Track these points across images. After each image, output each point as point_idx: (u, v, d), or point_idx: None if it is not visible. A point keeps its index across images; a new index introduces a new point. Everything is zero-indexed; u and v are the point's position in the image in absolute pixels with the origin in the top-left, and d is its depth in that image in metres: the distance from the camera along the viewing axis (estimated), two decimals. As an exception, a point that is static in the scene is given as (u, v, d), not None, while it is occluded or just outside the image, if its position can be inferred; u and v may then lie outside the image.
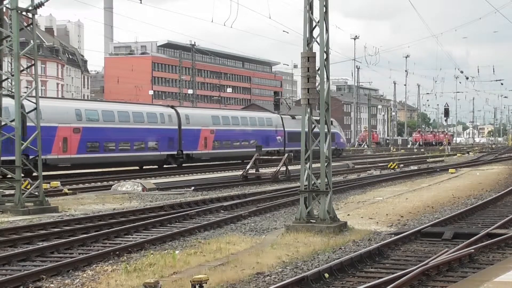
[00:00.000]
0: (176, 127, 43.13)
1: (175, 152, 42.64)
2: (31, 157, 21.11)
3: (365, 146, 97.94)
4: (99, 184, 30.89)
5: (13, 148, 20.02)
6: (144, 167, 42.65)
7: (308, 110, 15.40)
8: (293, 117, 56.79)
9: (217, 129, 47.20)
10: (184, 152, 43.46)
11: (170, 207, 20.12)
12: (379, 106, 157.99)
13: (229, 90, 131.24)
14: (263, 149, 47.09)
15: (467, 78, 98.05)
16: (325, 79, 15.35)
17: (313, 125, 15.71)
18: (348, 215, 17.96)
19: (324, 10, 15.30)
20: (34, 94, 20.57)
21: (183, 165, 45.33)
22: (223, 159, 48.20)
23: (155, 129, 41.34)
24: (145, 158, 41.16)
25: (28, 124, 21.10)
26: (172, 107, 45.57)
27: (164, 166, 44.12)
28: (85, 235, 14.64)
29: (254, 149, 46.86)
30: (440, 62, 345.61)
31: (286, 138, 54.29)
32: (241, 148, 49.44)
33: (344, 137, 68.52)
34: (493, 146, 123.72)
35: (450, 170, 37.83)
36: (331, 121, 67.77)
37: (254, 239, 14.19)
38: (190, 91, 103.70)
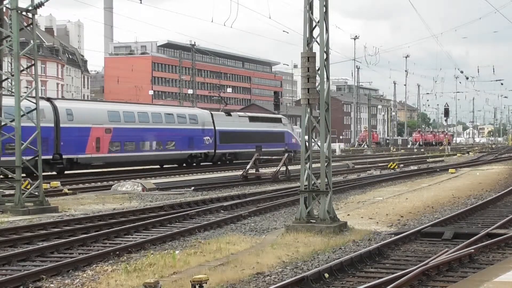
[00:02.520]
0: (52, 124, 34.03)
1: (50, 157, 33.26)
2: (30, 157, 21.04)
3: (365, 146, 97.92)
4: (99, 184, 30.89)
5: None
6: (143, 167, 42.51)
7: (308, 110, 15.39)
8: (228, 114, 50.25)
9: (116, 128, 38.02)
10: (64, 156, 34.73)
11: (170, 207, 20.12)
12: (379, 106, 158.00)
13: (229, 90, 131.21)
14: (183, 151, 43.22)
15: (467, 78, 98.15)
16: (325, 79, 15.35)
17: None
18: (348, 215, 17.96)
19: (324, 10, 15.31)
20: (34, 94, 20.58)
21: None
22: (126, 165, 39.49)
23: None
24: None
25: (28, 124, 21.00)
26: (49, 99, 36.29)
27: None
28: (85, 235, 14.64)
29: (172, 152, 42.36)
30: (440, 62, 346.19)
31: (218, 138, 46.27)
32: (153, 151, 41.12)
33: (298, 137, 57.72)
34: (493, 146, 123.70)
35: (450, 170, 37.83)
36: (279, 118, 55.11)
37: (254, 239, 14.19)
38: (190, 91, 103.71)
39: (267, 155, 51.77)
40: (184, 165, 44.28)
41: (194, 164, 44.66)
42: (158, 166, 44.01)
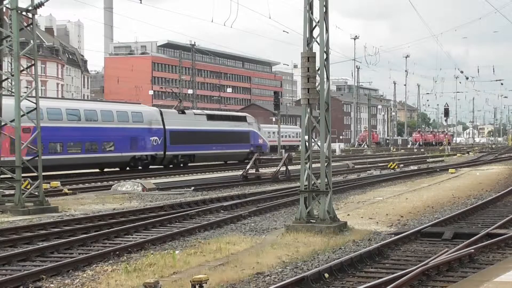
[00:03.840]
0: None
1: None
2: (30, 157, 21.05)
3: (365, 146, 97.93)
4: (99, 184, 30.90)
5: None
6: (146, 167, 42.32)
7: (308, 110, 15.39)
8: (181, 112, 45.16)
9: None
10: None
11: (170, 207, 20.12)
12: (379, 106, 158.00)
13: (229, 90, 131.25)
14: (124, 153, 38.11)
15: (467, 78, 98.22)
16: (325, 79, 15.35)
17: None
18: (348, 215, 17.96)
19: (324, 10, 15.30)
20: (34, 94, 20.58)
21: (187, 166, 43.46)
22: (51, 169, 33.00)
23: None
24: None
25: (27, 124, 21.02)
26: None
27: None
28: (85, 235, 14.65)
29: (110, 154, 36.71)
30: (440, 62, 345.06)
31: (168, 139, 41.73)
32: (86, 153, 36.21)
33: (266, 137, 55.00)
34: (493, 146, 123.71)
35: (450, 170, 37.83)
36: (244, 117, 51.26)
37: (254, 239, 14.18)
38: (190, 91, 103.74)
39: (229, 156, 49.08)
40: (128, 168, 39.58)
41: (140, 168, 40.12)
42: (97, 170, 38.77)
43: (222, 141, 46.91)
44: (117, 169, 39.61)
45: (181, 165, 43.87)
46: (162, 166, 42.34)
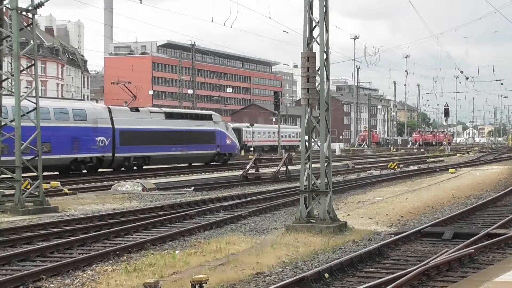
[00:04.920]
0: None
1: None
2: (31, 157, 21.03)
3: (365, 146, 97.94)
4: (99, 184, 30.89)
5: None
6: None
7: (308, 110, 15.39)
8: (134, 109, 40.62)
9: None
10: None
11: (170, 207, 20.12)
12: (379, 106, 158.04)
13: (229, 90, 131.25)
14: (63, 155, 34.06)
15: (467, 78, 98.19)
16: (325, 79, 15.35)
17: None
18: (348, 215, 17.96)
19: (324, 10, 15.30)
20: (34, 94, 20.58)
21: (181, 165, 42.99)
22: None
23: None
24: None
25: (27, 124, 21.00)
26: None
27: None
28: (85, 235, 14.64)
29: (45, 157, 27.61)
30: (440, 62, 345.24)
31: (118, 139, 37.77)
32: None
33: (236, 138, 51.09)
34: (493, 146, 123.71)
35: (450, 170, 37.82)
36: (209, 115, 47.44)
37: (254, 239, 14.18)
38: (190, 91, 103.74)
39: (192, 158, 44.88)
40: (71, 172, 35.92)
41: (86, 171, 36.30)
42: (56, 173, 35.52)
43: (183, 142, 43.20)
44: (57, 172, 35.32)
45: (134, 168, 40.12)
46: (111, 169, 38.56)
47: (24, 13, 20.48)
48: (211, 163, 46.32)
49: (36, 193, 20.27)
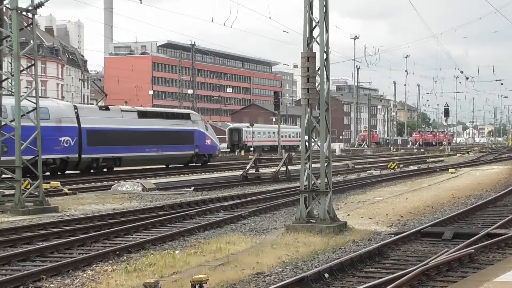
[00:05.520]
0: None
1: None
2: (31, 157, 21.03)
3: (365, 146, 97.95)
4: (99, 184, 30.89)
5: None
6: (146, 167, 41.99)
7: (308, 110, 15.39)
8: (104, 108, 38.68)
9: None
10: None
11: (170, 207, 20.12)
12: (379, 106, 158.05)
13: (229, 90, 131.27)
14: (22, 156, 26.78)
15: (467, 78, 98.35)
16: (325, 79, 15.35)
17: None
18: (348, 215, 17.96)
19: (324, 10, 15.30)
20: (34, 94, 20.58)
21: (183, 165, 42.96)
22: None
23: None
24: None
25: (27, 124, 21.00)
26: None
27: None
28: (85, 235, 14.64)
29: (12, 157, 25.79)
30: (440, 62, 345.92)
31: (85, 139, 35.79)
32: None
33: (216, 138, 49.07)
34: (493, 146, 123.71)
35: (450, 170, 37.82)
36: (187, 114, 45.16)
37: (254, 239, 14.18)
38: (190, 91, 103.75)
39: (168, 159, 42.89)
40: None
41: (49, 174, 33.61)
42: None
43: (158, 142, 41.18)
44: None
45: (104, 169, 38.26)
46: (79, 172, 36.72)
47: (24, 13, 20.47)
48: (190, 165, 44.62)
49: (36, 193, 20.27)
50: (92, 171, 37.20)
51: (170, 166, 44.37)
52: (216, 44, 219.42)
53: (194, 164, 44.83)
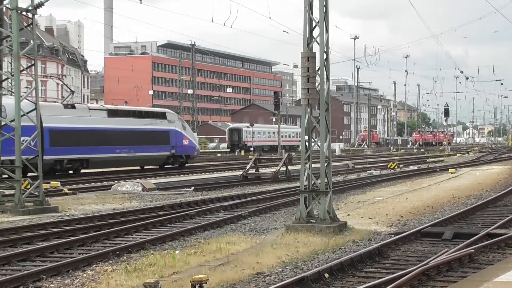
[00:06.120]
0: None
1: None
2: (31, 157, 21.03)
3: (365, 146, 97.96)
4: (99, 184, 30.90)
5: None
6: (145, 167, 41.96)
7: (308, 110, 15.39)
8: (70, 106, 36.64)
9: None
10: None
11: (170, 207, 20.12)
12: (379, 106, 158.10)
13: (229, 90, 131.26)
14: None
15: (467, 78, 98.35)
16: (325, 79, 15.35)
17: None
18: (348, 215, 17.96)
19: (324, 10, 15.30)
20: (34, 94, 20.59)
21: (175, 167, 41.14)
22: None
23: None
24: None
25: (27, 124, 21.00)
26: None
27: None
28: (85, 235, 14.64)
29: None
30: (440, 62, 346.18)
31: (48, 139, 33.54)
32: None
33: (195, 139, 47.41)
34: (493, 146, 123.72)
35: (450, 170, 37.82)
36: (162, 113, 42.40)
37: (254, 239, 14.18)
38: (190, 91, 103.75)
39: (141, 161, 40.80)
40: None
41: (6, 176, 30.32)
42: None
43: (130, 142, 38.85)
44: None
45: (70, 172, 36.01)
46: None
47: (24, 13, 20.48)
48: (165, 166, 42.61)
49: (36, 193, 20.27)
50: (57, 173, 34.95)
51: (143, 168, 42.08)
52: (216, 44, 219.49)
53: (170, 166, 42.76)
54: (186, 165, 43.74)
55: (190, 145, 43.85)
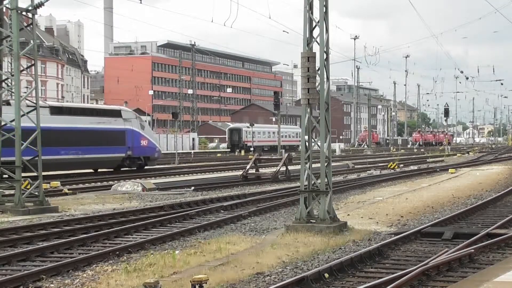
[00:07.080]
0: None
1: None
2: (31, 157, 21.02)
3: (365, 146, 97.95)
4: (99, 184, 30.90)
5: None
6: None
7: (308, 110, 15.39)
8: (4, 103, 30.65)
9: None
10: None
11: (170, 207, 20.12)
12: (379, 106, 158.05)
13: (229, 90, 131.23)
14: None
15: (467, 78, 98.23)
16: (325, 79, 15.35)
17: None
18: (348, 215, 17.96)
19: (324, 10, 15.30)
20: (34, 94, 20.59)
21: (182, 165, 41.70)
22: None
23: None
24: None
25: (27, 124, 21.00)
26: None
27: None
28: (85, 235, 14.64)
29: None
30: (440, 62, 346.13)
31: None
32: None
33: (156, 139, 44.87)
34: (493, 146, 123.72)
35: (450, 170, 37.82)
36: (117, 111, 38.85)
37: (254, 239, 14.19)
38: (190, 91, 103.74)
39: (91, 163, 37.53)
40: None
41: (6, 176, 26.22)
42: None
43: (78, 143, 35.65)
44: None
45: (4, 176, 32.07)
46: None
47: (24, 13, 20.48)
48: (121, 168, 39.18)
49: (36, 193, 20.27)
50: None
51: (96, 171, 39.25)
52: (216, 44, 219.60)
53: (126, 168, 39.32)
54: (146, 167, 40.48)
55: (149, 146, 40.47)
